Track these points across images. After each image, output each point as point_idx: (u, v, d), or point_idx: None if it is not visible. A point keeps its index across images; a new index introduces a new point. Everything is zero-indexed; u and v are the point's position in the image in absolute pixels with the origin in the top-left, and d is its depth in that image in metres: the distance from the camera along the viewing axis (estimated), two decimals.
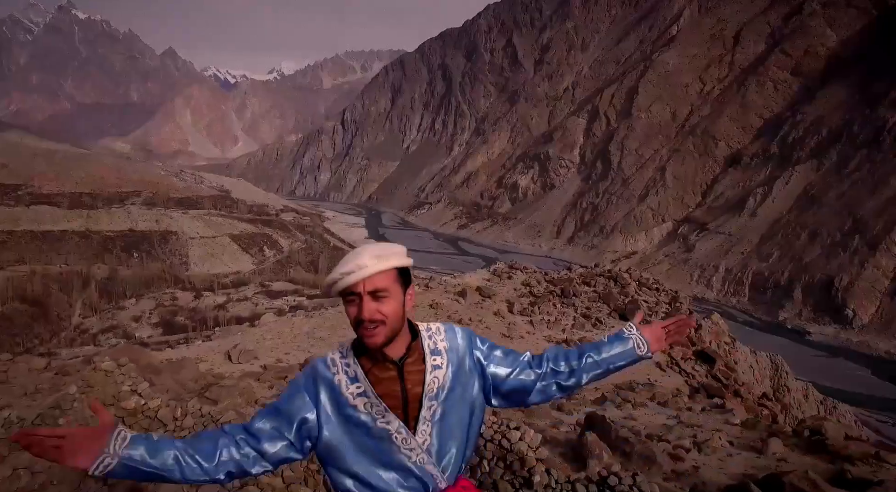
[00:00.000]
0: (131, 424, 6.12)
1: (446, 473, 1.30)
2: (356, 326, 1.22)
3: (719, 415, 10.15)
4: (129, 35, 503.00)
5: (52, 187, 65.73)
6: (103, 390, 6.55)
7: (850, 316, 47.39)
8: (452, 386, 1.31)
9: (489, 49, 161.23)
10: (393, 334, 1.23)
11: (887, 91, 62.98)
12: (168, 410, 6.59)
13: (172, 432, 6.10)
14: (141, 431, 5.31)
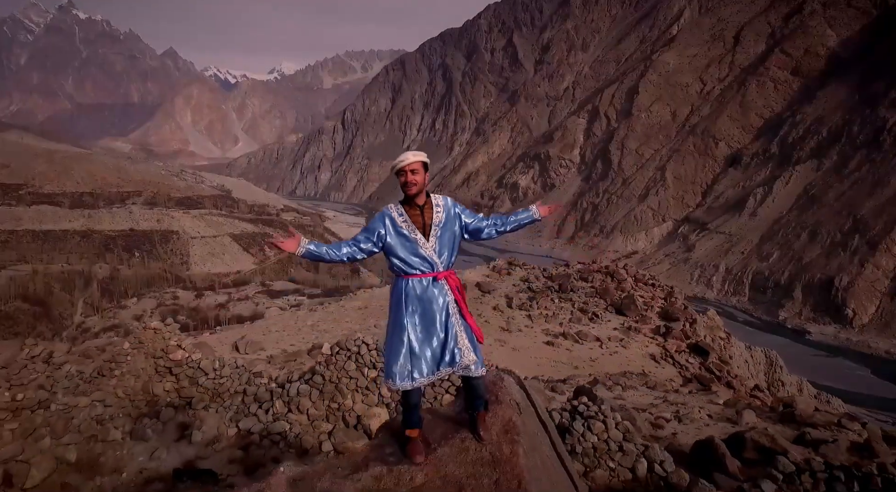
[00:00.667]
0: (178, 373, 8.21)
1: (442, 263, 2.65)
2: (403, 186, 2.59)
3: (704, 396, 10.45)
4: (129, 35, 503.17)
5: (53, 187, 65.84)
6: (153, 345, 8.04)
7: (849, 316, 47.44)
8: (445, 221, 2.67)
9: (489, 49, 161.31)
10: (418, 191, 2.61)
11: (887, 91, 63.03)
12: (209, 362, 8.36)
13: (213, 379, 8.26)
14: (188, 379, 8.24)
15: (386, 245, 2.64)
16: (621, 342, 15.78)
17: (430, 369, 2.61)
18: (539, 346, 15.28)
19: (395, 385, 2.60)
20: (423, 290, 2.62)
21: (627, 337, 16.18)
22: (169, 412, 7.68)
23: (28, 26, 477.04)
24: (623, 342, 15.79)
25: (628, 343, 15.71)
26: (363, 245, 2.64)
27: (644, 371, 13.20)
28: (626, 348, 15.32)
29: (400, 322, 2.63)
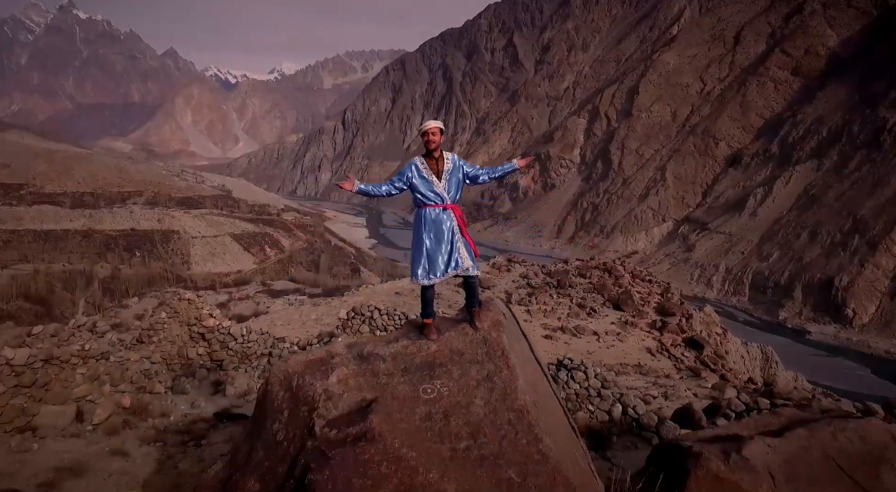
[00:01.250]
0: (211, 339, 9.56)
1: (450, 198, 3.72)
2: (426, 144, 3.70)
3: (694, 381, 10.84)
4: (130, 35, 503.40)
5: (54, 187, 65.92)
6: (187, 314, 9.35)
7: (849, 315, 47.49)
8: (452, 170, 3.76)
9: (490, 49, 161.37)
10: (436, 147, 3.72)
11: (887, 91, 63.07)
12: (237, 328, 9.81)
13: (241, 344, 9.68)
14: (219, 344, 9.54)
15: (411, 184, 3.75)
16: (618, 336, 15.98)
17: (441, 271, 3.71)
18: (537, 339, 15.43)
19: (418, 282, 3.75)
20: (436, 216, 3.72)
21: (624, 331, 16.37)
22: (202, 373, 9.08)
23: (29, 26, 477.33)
24: (620, 336, 15.98)
25: (625, 337, 15.90)
26: (396, 184, 3.78)
27: (640, 363, 13.40)
28: (622, 342, 15.51)
29: (420, 238, 3.74)
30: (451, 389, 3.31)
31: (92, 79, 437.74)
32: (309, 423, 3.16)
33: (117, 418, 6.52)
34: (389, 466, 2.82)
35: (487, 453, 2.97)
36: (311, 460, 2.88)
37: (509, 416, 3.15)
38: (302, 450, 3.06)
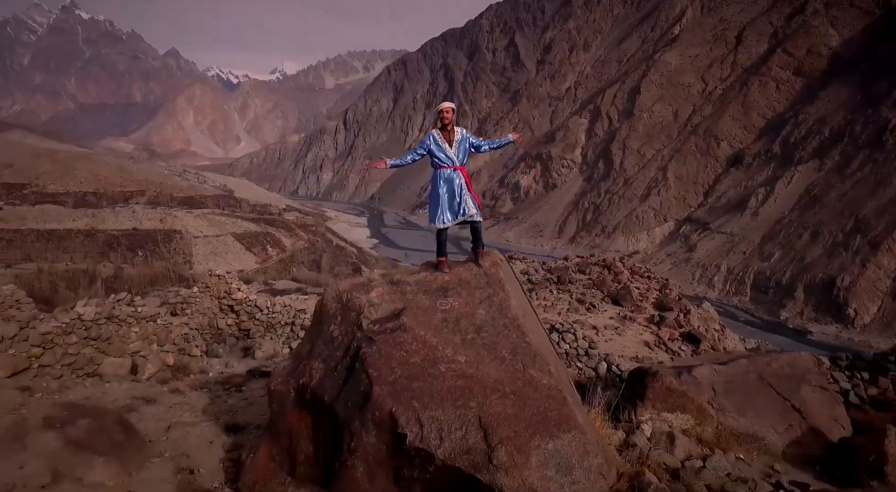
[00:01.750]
0: (239, 310, 10.80)
1: (459, 162, 4.84)
2: (441, 119, 4.82)
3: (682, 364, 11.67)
4: (132, 35, 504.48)
5: (56, 187, 66.14)
6: (217, 288, 10.67)
7: (851, 316, 47.44)
8: (461, 140, 4.85)
9: (491, 49, 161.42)
10: (449, 122, 4.83)
11: (889, 91, 62.97)
12: (263, 300, 11.19)
13: (267, 315, 10.99)
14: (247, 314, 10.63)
15: (429, 150, 4.85)
16: (616, 330, 16.29)
17: (452, 217, 4.83)
18: None
19: (435, 226, 4.88)
20: (448, 175, 4.83)
21: (623, 325, 16.65)
22: (232, 340, 10.31)
23: (31, 26, 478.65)
24: (618, 330, 16.29)
25: (623, 331, 16.19)
26: (418, 152, 4.91)
27: (637, 356, 13.74)
28: (621, 336, 15.80)
29: (437, 192, 4.87)
30: (461, 303, 4.49)
31: (94, 79, 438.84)
32: (357, 322, 4.36)
33: (163, 374, 7.58)
34: (417, 345, 4.02)
35: (488, 341, 4.20)
36: (361, 343, 4.10)
37: (504, 321, 4.36)
38: (353, 339, 4.26)
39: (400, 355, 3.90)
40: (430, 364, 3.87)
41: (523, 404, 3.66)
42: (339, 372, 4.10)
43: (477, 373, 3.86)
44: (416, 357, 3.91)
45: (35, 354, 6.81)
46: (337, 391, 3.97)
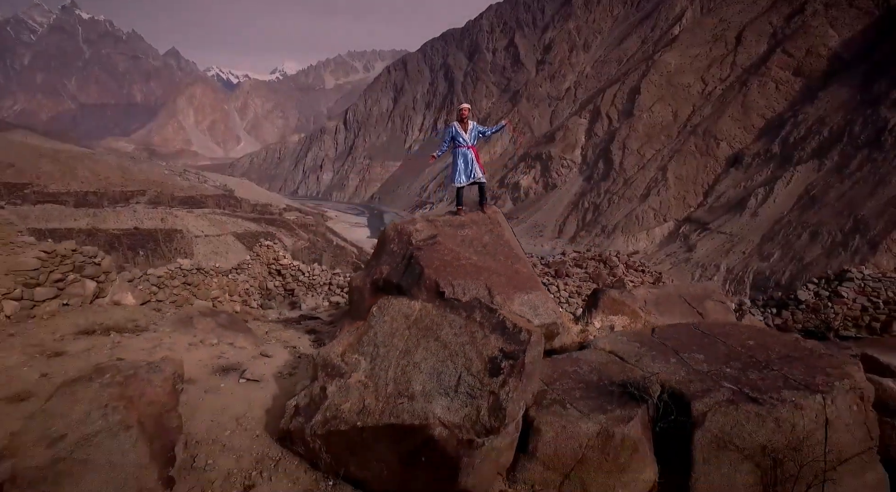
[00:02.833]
0: (285, 273, 13.09)
1: (471, 142, 7.34)
2: (459, 113, 7.34)
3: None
4: (132, 35, 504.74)
5: (58, 186, 66.31)
6: (266, 256, 13.08)
7: None
8: (472, 128, 7.33)
9: (491, 49, 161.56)
10: (465, 117, 7.30)
11: (889, 91, 63.08)
12: (306, 266, 13.62)
13: (308, 277, 13.30)
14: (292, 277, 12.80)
15: (452, 136, 7.25)
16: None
17: (466, 179, 7.32)
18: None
19: (454, 184, 7.29)
20: (464, 152, 7.23)
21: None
22: (279, 298, 12.61)
23: (31, 26, 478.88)
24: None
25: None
26: (447, 140, 7.34)
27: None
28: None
29: (456, 162, 7.32)
30: (472, 232, 7.01)
31: (94, 79, 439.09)
32: (409, 241, 6.79)
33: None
34: (446, 251, 6.43)
35: (490, 251, 6.67)
36: (413, 251, 6.50)
37: (500, 241, 6.91)
38: (407, 249, 6.66)
39: (437, 255, 6.34)
40: (455, 259, 6.30)
41: (510, 279, 6.07)
42: (400, 267, 6.59)
43: (483, 264, 6.31)
44: (447, 256, 6.33)
45: (153, 291, 9.68)
46: (399, 277, 6.43)
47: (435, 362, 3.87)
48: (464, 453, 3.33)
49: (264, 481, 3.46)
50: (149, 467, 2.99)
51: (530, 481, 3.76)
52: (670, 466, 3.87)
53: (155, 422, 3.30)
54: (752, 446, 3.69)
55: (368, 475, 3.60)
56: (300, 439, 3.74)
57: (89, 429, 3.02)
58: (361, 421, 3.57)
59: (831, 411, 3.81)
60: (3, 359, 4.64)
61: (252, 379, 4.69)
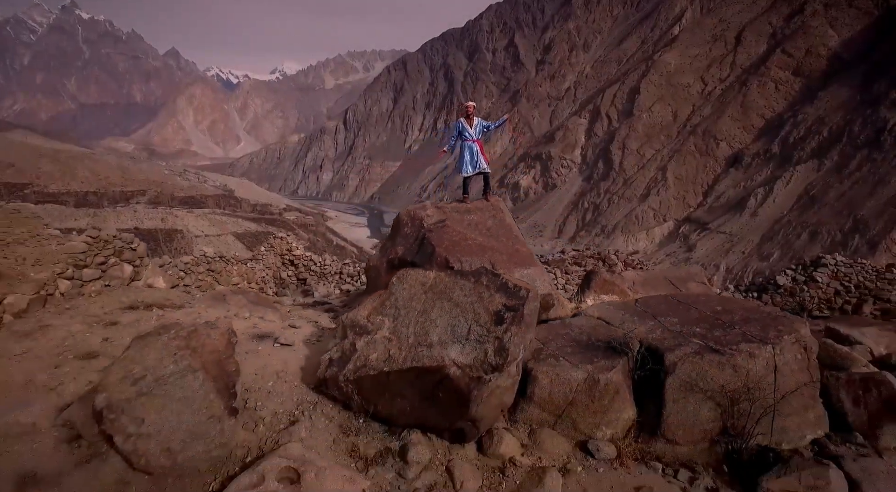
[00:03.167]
0: (298, 263, 13.98)
1: (476, 136, 8.00)
2: (465, 111, 8.06)
3: None
4: (132, 35, 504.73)
5: (58, 186, 66.37)
6: (280, 247, 14.03)
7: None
8: (477, 124, 8.01)
9: (491, 49, 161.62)
10: (471, 114, 8.03)
11: (888, 91, 63.17)
12: (318, 256, 14.33)
13: (320, 266, 14.15)
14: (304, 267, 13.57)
15: (459, 131, 7.91)
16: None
17: (472, 169, 8.00)
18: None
19: (461, 174, 8.00)
20: (470, 145, 7.91)
21: None
22: (293, 287, 13.29)
23: (31, 26, 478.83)
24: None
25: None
26: (454, 136, 8.03)
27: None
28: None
29: (463, 154, 7.92)
30: (477, 217, 7.77)
31: (94, 79, 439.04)
32: (421, 225, 7.56)
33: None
34: (454, 232, 7.14)
35: (493, 234, 7.42)
36: (426, 233, 7.28)
37: (502, 226, 7.67)
38: (420, 232, 7.46)
39: (446, 236, 7.11)
40: (462, 240, 7.05)
41: (510, 257, 6.86)
42: (413, 247, 7.42)
43: (487, 244, 7.08)
44: (455, 237, 7.09)
45: (181, 276, 10.70)
46: (413, 255, 7.25)
47: (449, 318, 4.57)
48: (474, 387, 3.99)
49: (306, 418, 4.22)
50: (215, 400, 3.71)
51: (528, 421, 4.56)
52: (646, 407, 4.63)
53: (216, 366, 3.99)
54: (714, 389, 4.48)
55: (394, 411, 4.30)
56: (334, 384, 4.45)
57: (163, 372, 3.72)
58: (388, 367, 4.26)
59: (779, 358, 4.59)
60: (68, 327, 5.45)
61: (285, 344, 5.46)
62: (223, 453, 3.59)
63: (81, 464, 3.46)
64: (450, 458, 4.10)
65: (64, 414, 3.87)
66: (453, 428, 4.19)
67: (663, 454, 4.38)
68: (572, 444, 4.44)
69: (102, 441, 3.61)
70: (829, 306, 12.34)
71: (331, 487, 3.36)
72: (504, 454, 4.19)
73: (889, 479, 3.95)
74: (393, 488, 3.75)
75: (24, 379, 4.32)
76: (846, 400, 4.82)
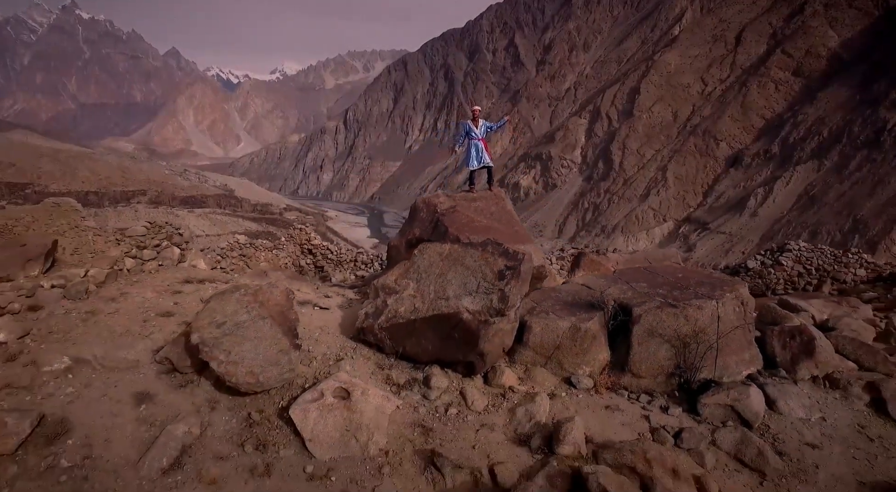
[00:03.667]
0: (316, 252, 15.23)
1: (481, 136, 9.22)
2: (473, 112, 9.37)
3: None
4: (132, 35, 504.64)
5: (58, 186, 66.43)
6: (300, 237, 15.30)
7: None
8: (482, 124, 9.19)
9: (491, 49, 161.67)
10: (477, 117, 9.22)
11: (888, 91, 63.23)
12: (334, 246, 15.80)
13: (336, 255, 15.46)
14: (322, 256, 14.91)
15: (467, 131, 9.07)
16: None
17: (477, 163, 9.16)
18: None
19: (468, 168, 9.20)
20: (476, 143, 9.09)
21: None
22: (311, 274, 14.35)
23: (31, 26, 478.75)
24: None
25: None
26: (462, 135, 9.20)
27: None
28: None
29: (469, 151, 9.12)
30: (482, 204, 8.90)
31: (94, 79, 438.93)
32: (435, 210, 8.59)
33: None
34: (463, 216, 8.33)
35: (496, 218, 8.60)
36: (439, 216, 8.35)
37: (504, 211, 8.89)
38: (434, 216, 8.50)
39: (457, 219, 8.26)
40: (470, 222, 8.20)
41: (510, 236, 7.96)
42: (429, 228, 8.51)
43: (491, 226, 8.28)
44: (464, 220, 8.25)
45: (217, 259, 12.41)
46: (429, 235, 8.30)
47: (461, 278, 5.67)
48: (481, 328, 5.10)
49: (348, 357, 5.40)
50: (282, 338, 4.77)
51: (524, 361, 5.74)
52: (617, 350, 5.80)
53: (280, 315, 5.05)
54: (670, 334, 5.61)
55: (418, 351, 5.48)
56: (370, 332, 5.61)
57: (239, 319, 4.80)
58: (414, 316, 5.39)
59: (721, 310, 5.75)
60: (142, 294, 6.65)
61: (323, 307, 6.70)
62: (291, 375, 4.74)
63: (179, 388, 4.69)
64: (462, 386, 5.25)
65: (161, 353, 5.00)
66: (466, 361, 5.32)
67: (630, 385, 5.65)
68: (559, 379, 5.64)
69: (194, 372, 4.81)
70: (793, 286, 13.68)
71: (373, 402, 4.52)
72: (505, 384, 5.33)
73: (797, 397, 5.44)
74: (419, 405, 4.96)
75: (122, 329, 5.53)
76: (776, 346, 6.14)
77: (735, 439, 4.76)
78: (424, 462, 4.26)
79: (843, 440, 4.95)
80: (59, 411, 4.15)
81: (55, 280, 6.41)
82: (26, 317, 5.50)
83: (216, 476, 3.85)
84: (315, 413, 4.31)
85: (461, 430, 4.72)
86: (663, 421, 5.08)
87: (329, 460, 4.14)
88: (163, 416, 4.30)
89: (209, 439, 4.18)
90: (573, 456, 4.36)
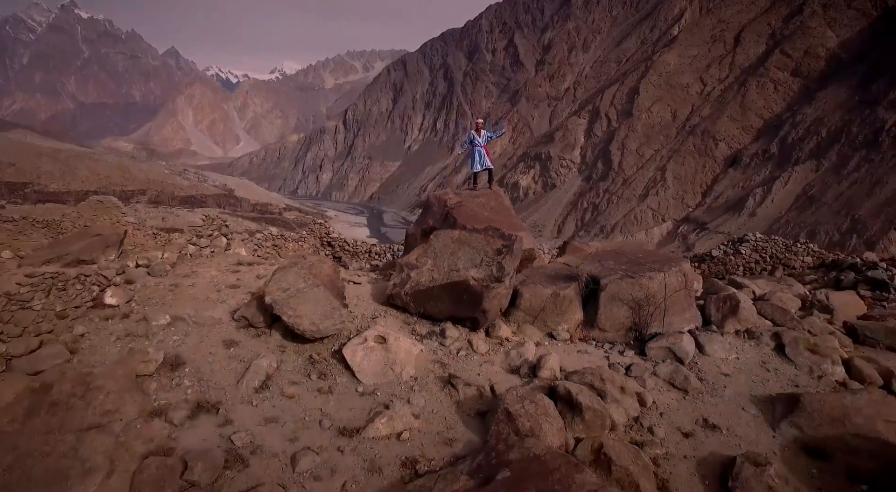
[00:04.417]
0: (334, 244, 17.15)
1: (483, 143, 11.55)
2: (476, 128, 11.67)
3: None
4: (131, 35, 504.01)
5: (58, 186, 66.46)
6: (319, 230, 17.27)
7: None
8: (484, 134, 11.51)
9: (491, 49, 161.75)
10: (480, 128, 11.62)
11: (887, 92, 63.42)
12: (349, 239, 18.27)
13: (352, 246, 17.42)
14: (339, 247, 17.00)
15: (471, 140, 11.38)
16: None
17: (480, 166, 11.42)
18: None
19: (471, 170, 11.61)
20: (479, 149, 11.36)
21: None
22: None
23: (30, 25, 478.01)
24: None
25: None
26: (465, 142, 11.69)
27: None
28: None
29: (473, 155, 11.40)
30: (484, 199, 10.84)
31: (94, 78, 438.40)
32: (445, 204, 10.49)
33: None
34: (469, 210, 10.19)
35: (496, 211, 10.60)
36: (449, 210, 10.24)
37: (503, 206, 11.01)
38: (444, 209, 10.38)
39: (464, 212, 9.81)
40: (475, 214, 9.73)
41: (507, 225, 9.04)
42: (440, 219, 9.99)
43: (492, 218, 9.67)
44: (470, 213, 9.73)
45: (254, 248, 14.14)
46: (441, 225, 9.63)
47: (469, 255, 7.40)
48: (484, 290, 6.86)
49: (381, 316, 7.30)
50: (333, 300, 6.59)
51: (516, 320, 7.52)
52: (588, 311, 7.61)
53: (330, 283, 6.93)
54: (628, 298, 7.41)
55: (436, 311, 7.30)
56: (398, 297, 7.47)
57: (299, 286, 6.51)
58: (432, 284, 7.21)
59: (668, 280, 7.52)
60: (209, 272, 8.21)
61: (356, 283, 8.48)
62: (342, 326, 6.45)
63: (255, 337, 6.34)
64: (469, 337, 6.93)
65: (238, 312, 6.62)
66: (472, 317, 7.06)
67: (597, 337, 7.44)
68: (543, 333, 7.41)
69: (265, 327, 6.44)
70: (750, 272, 15.34)
71: (403, 346, 6.14)
72: (501, 336, 7.09)
73: (721, 344, 7.12)
74: (437, 349, 6.66)
75: (202, 297, 7.17)
76: (712, 309, 7.89)
77: (670, 370, 6.41)
78: (443, 383, 5.88)
79: (749, 371, 6.67)
80: (172, 351, 5.78)
81: (140, 261, 8.16)
82: (125, 288, 7.11)
83: (293, 393, 5.44)
84: (361, 353, 5.92)
85: (469, 364, 6.41)
86: (619, 360, 6.88)
87: (373, 384, 5.72)
88: (247, 355, 5.89)
89: (284, 371, 5.79)
90: (550, 378, 5.98)
